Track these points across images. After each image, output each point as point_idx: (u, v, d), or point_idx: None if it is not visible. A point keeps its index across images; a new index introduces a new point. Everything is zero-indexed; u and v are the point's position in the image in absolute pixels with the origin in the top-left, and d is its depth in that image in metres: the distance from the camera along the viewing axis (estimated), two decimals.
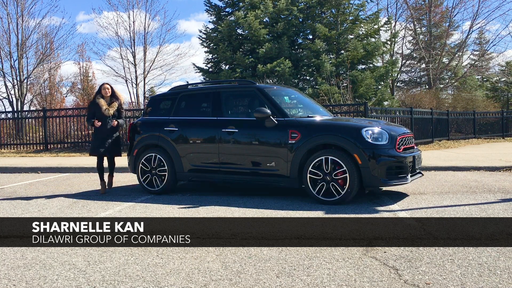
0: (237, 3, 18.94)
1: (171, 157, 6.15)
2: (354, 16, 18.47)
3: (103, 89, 6.42)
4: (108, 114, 6.31)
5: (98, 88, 6.51)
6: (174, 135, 6.16)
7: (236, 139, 5.73)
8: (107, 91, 6.41)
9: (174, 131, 6.18)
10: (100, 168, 6.45)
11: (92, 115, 6.39)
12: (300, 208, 4.93)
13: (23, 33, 23.11)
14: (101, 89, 6.45)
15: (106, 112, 6.29)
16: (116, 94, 6.49)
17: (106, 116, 6.30)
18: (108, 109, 6.31)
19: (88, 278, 2.89)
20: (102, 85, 6.50)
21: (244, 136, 5.69)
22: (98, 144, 6.29)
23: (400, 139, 5.27)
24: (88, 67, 31.57)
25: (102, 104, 6.31)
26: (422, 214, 4.49)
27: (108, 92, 6.40)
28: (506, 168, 8.06)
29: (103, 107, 6.29)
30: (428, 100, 19.18)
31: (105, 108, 6.30)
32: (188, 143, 6.07)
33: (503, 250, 3.22)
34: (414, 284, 2.65)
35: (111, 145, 6.34)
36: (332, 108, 12.28)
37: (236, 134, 5.70)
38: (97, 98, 6.39)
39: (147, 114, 6.74)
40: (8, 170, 9.76)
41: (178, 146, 6.11)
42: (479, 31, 29.75)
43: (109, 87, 6.44)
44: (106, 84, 6.47)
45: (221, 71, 18.06)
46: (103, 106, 6.29)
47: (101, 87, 6.47)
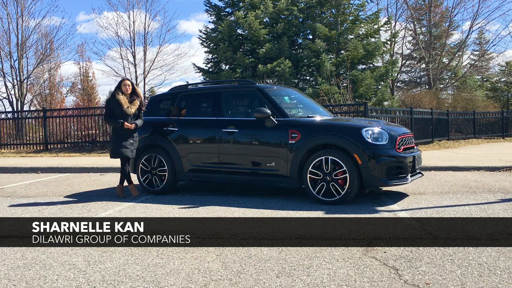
0: (237, 3, 18.95)
1: (171, 157, 6.14)
2: (354, 16, 18.49)
3: (123, 85, 5.89)
4: (130, 113, 5.83)
5: (118, 83, 5.97)
6: (174, 135, 6.16)
7: (236, 139, 5.72)
8: (127, 87, 5.89)
9: (174, 131, 6.18)
10: (125, 170, 5.98)
11: (111, 112, 5.88)
12: (300, 208, 4.93)
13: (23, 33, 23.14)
14: (121, 85, 5.91)
15: (128, 110, 5.81)
16: (137, 91, 6.02)
17: (128, 115, 5.82)
18: (130, 107, 5.84)
19: (88, 278, 2.89)
20: (122, 81, 5.96)
21: (244, 136, 5.69)
22: (120, 146, 5.83)
23: (400, 139, 5.26)
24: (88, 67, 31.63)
25: (123, 102, 5.81)
26: (422, 214, 4.49)
27: (128, 89, 5.90)
28: (506, 168, 8.06)
29: (125, 105, 5.81)
30: (428, 100, 19.19)
31: (127, 106, 5.82)
32: (188, 143, 6.07)
33: (503, 250, 3.22)
34: (414, 284, 2.65)
35: (134, 146, 5.94)
36: (332, 108, 12.28)
37: (236, 134, 5.70)
38: (117, 94, 5.86)
39: (147, 114, 6.73)
40: (8, 170, 9.76)
41: (178, 146, 6.11)
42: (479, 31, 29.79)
43: (130, 84, 5.94)
44: (126, 80, 5.96)
45: (221, 71, 18.07)
46: (124, 104, 5.81)
47: (121, 83, 5.93)
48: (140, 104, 5.99)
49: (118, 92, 5.87)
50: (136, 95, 5.98)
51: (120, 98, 5.82)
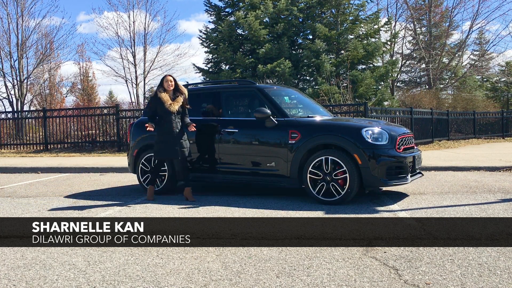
0: (237, 3, 18.95)
1: None
2: (354, 16, 18.49)
3: (165, 81, 5.61)
4: (173, 110, 5.53)
5: (160, 80, 5.71)
6: None
7: (236, 139, 5.72)
8: (169, 83, 5.60)
9: None
10: (156, 171, 5.82)
11: (153, 111, 5.63)
12: (300, 208, 4.93)
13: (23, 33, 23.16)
14: (163, 82, 5.63)
15: (170, 107, 5.51)
16: (180, 88, 5.71)
17: (170, 113, 5.52)
18: (172, 105, 5.52)
19: (88, 278, 2.89)
20: (164, 78, 5.68)
21: (244, 136, 5.69)
22: (165, 146, 5.54)
23: (400, 139, 5.26)
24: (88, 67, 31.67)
25: (166, 99, 5.52)
26: (422, 214, 4.49)
27: (171, 85, 5.60)
28: (506, 168, 8.06)
29: (167, 103, 5.51)
30: (428, 100, 19.18)
31: (170, 104, 5.51)
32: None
33: (503, 250, 3.22)
34: (414, 284, 2.65)
35: (180, 146, 5.56)
36: (332, 108, 12.28)
37: (236, 134, 5.70)
38: (159, 91, 5.60)
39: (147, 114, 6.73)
40: (8, 170, 9.76)
41: None
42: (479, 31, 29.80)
43: (172, 80, 5.64)
44: (169, 76, 5.68)
45: (221, 71, 18.07)
46: (166, 102, 5.51)
47: (163, 80, 5.66)
48: (184, 101, 5.67)
49: (160, 89, 5.61)
50: (180, 92, 5.67)
51: (162, 95, 5.54)
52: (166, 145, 5.54)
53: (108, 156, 12.16)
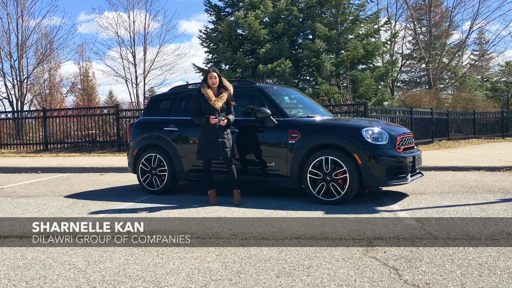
0: (237, 3, 18.95)
1: (171, 157, 6.14)
2: (354, 16, 18.49)
3: (209, 78, 5.39)
4: (217, 107, 5.28)
5: (204, 76, 5.53)
6: (174, 135, 6.16)
7: (236, 139, 5.72)
8: (214, 80, 5.36)
9: (174, 131, 6.18)
10: (209, 172, 5.47)
11: (197, 108, 5.39)
12: (300, 208, 4.93)
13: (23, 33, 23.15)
14: (207, 78, 5.43)
15: (214, 104, 5.27)
16: (224, 84, 5.45)
17: (215, 109, 5.28)
18: (216, 101, 5.28)
19: (88, 278, 2.89)
20: (208, 73, 5.46)
21: (244, 136, 5.69)
22: (208, 146, 5.28)
23: (400, 139, 5.26)
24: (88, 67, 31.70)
25: (210, 96, 5.30)
26: (422, 214, 4.49)
27: (215, 82, 5.37)
28: (506, 168, 8.06)
29: (211, 99, 5.28)
30: (428, 100, 19.19)
31: (214, 100, 5.28)
32: (188, 143, 6.07)
33: (503, 250, 3.22)
34: (414, 284, 2.65)
35: (223, 146, 5.27)
36: (332, 108, 12.28)
37: (236, 134, 5.69)
38: (202, 88, 5.39)
39: (147, 114, 6.74)
40: (8, 170, 9.76)
41: (178, 146, 6.11)
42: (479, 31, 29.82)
43: (217, 76, 5.39)
44: (213, 72, 5.42)
45: (221, 71, 18.06)
46: (211, 98, 5.29)
47: (207, 76, 5.44)
48: (229, 98, 5.41)
49: (204, 85, 5.40)
50: (224, 88, 5.43)
51: (206, 91, 5.33)
52: (208, 144, 5.28)
53: (108, 156, 12.16)
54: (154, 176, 6.23)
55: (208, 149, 5.28)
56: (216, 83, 5.38)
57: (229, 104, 5.43)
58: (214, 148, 5.24)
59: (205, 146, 5.30)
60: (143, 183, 6.35)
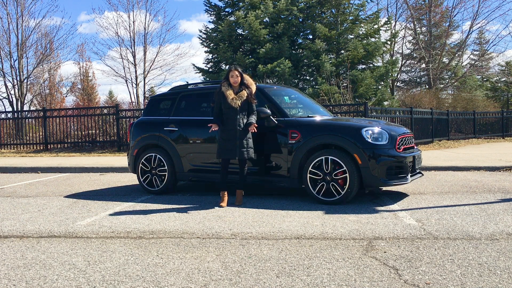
0: (237, 3, 18.95)
1: (171, 157, 6.14)
2: (354, 16, 18.49)
3: (231, 76, 5.19)
4: (236, 106, 5.08)
5: (226, 73, 5.29)
6: (174, 135, 6.16)
7: None
8: (235, 79, 5.17)
9: (174, 131, 6.18)
10: (225, 173, 5.29)
11: (218, 107, 5.23)
12: (300, 208, 4.93)
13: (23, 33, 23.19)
14: (228, 75, 5.22)
15: (233, 102, 5.08)
16: (245, 82, 5.23)
17: (233, 108, 5.09)
18: (235, 99, 5.09)
19: (88, 278, 2.89)
20: (229, 71, 5.23)
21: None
22: (226, 145, 5.13)
23: (400, 139, 5.26)
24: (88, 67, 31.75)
25: (228, 94, 5.09)
26: (422, 214, 4.49)
27: (237, 80, 5.17)
28: (506, 168, 8.06)
29: (230, 97, 5.08)
30: (428, 100, 19.20)
31: (232, 98, 5.09)
32: (188, 143, 6.07)
33: (503, 250, 3.22)
34: (414, 284, 2.65)
35: (241, 146, 5.11)
36: (332, 108, 12.28)
37: None
38: (222, 85, 5.20)
39: (147, 114, 6.73)
40: (8, 170, 9.77)
41: (178, 146, 6.11)
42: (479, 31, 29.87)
43: (238, 74, 5.18)
44: (234, 70, 5.19)
45: (221, 71, 18.08)
46: (229, 96, 5.09)
47: (228, 73, 5.22)
48: (250, 96, 5.17)
49: (225, 83, 5.22)
50: (245, 86, 5.21)
51: (225, 89, 5.15)
52: (227, 144, 5.12)
53: (108, 156, 12.16)
54: (154, 176, 6.24)
55: (226, 149, 5.14)
56: (237, 82, 5.19)
57: (250, 102, 5.21)
58: (232, 148, 5.11)
59: (223, 145, 5.17)
60: (143, 183, 6.35)
